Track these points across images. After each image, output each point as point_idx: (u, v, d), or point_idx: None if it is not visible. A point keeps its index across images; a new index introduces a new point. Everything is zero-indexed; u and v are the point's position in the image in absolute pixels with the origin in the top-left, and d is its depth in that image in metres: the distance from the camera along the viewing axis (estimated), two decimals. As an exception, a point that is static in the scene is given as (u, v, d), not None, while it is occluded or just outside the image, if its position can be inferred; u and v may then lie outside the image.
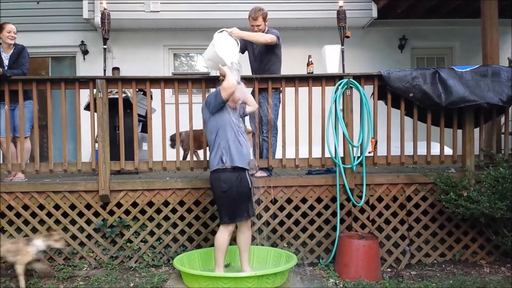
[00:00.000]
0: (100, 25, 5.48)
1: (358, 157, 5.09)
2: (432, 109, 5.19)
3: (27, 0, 9.07)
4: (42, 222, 5.06)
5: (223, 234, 4.25)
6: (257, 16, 5.23)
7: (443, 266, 5.10)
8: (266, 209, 5.13)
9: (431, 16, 9.10)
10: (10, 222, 5.05)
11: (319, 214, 5.21)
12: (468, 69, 5.14)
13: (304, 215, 5.20)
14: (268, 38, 5.15)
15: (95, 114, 5.12)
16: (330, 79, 5.21)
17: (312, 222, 5.21)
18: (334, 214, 5.15)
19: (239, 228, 4.32)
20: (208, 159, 4.50)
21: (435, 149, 5.35)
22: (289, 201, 5.19)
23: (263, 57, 5.39)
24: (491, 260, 5.22)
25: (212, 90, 5.20)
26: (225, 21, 8.76)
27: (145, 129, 6.26)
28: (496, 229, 4.99)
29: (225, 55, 4.61)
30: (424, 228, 5.24)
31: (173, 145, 6.72)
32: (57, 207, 5.08)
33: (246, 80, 5.10)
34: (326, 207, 5.21)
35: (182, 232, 5.17)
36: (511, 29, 8.27)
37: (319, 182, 5.19)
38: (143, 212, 5.14)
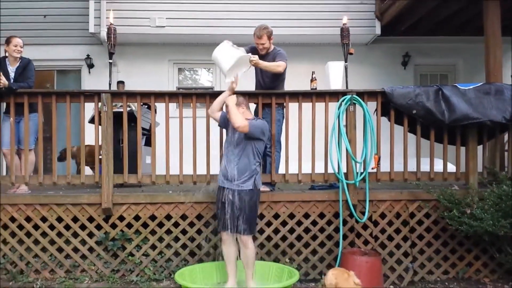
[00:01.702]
0: (106, 40, 5.53)
1: (361, 173, 5.10)
2: (435, 126, 5.20)
3: (34, 13, 9.16)
4: (44, 234, 5.06)
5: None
6: (261, 35, 5.20)
7: (446, 283, 5.06)
8: (269, 224, 5.12)
9: (435, 33, 9.14)
10: (13, 234, 5.05)
11: (321, 230, 5.19)
12: (471, 87, 5.16)
13: (307, 230, 5.19)
14: (282, 68, 5.15)
15: (100, 127, 5.15)
16: (334, 95, 5.23)
17: (314, 237, 5.19)
18: (336, 230, 5.13)
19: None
20: None
21: (439, 166, 5.35)
22: (291, 216, 5.18)
23: (270, 81, 5.42)
24: (495, 278, 5.17)
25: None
26: (230, 36, 8.76)
27: (148, 142, 6.28)
28: (500, 247, 4.96)
29: (230, 73, 4.74)
30: (427, 245, 5.21)
31: (60, 159, 6.74)
32: (59, 219, 5.08)
33: (249, 95, 5.16)
34: (329, 223, 5.19)
35: (184, 246, 5.15)
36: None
37: (322, 197, 5.19)
38: (145, 225, 5.13)
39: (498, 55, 5.92)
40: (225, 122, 4.67)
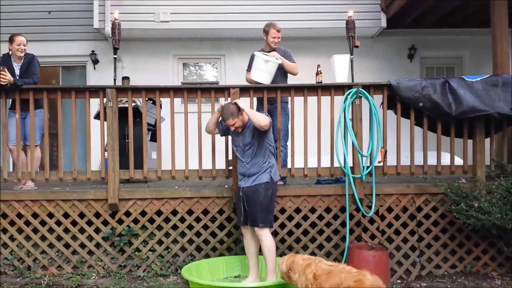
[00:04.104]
0: (111, 35, 5.53)
1: (368, 167, 5.06)
2: (442, 119, 5.16)
3: (38, 10, 9.15)
4: (51, 230, 5.08)
5: None
6: (279, 29, 5.61)
7: (454, 277, 5.04)
8: (275, 218, 5.10)
9: (441, 25, 9.06)
10: (20, 230, 5.07)
11: (328, 224, 5.18)
12: (478, 79, 5.11)
13: (313, 225, 5.17)
14: (298, 70, 5.70)
15: (105, 123, 5.15)
16: (339, 88, 5.20)
17: (321, 232, 5.17)
18: (343, 224, 5.11)
19: None
20: None
21: (446, 159, 5.31)
22: (297, 210, 5.16)
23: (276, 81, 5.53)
24: (503, 272, 5.14)
25: (222, 99, 5.24)
26: (234, 31, 8.88)
27: (154, 138, 6.28)
28: (508, 240, 4.93)
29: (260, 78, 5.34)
30: (434, 239, 5.18)
31: None
32: (66, 215, 5.09)
33: (254, 89, 5.15)
34: (335, 217, 5.18)
35: (191, 241, 5.16)
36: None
37: (328, 191, 5.17)
38: (151, 221, 5.14)
39: (505, 46, 5.87)
40: (224, 130, 4.84)
